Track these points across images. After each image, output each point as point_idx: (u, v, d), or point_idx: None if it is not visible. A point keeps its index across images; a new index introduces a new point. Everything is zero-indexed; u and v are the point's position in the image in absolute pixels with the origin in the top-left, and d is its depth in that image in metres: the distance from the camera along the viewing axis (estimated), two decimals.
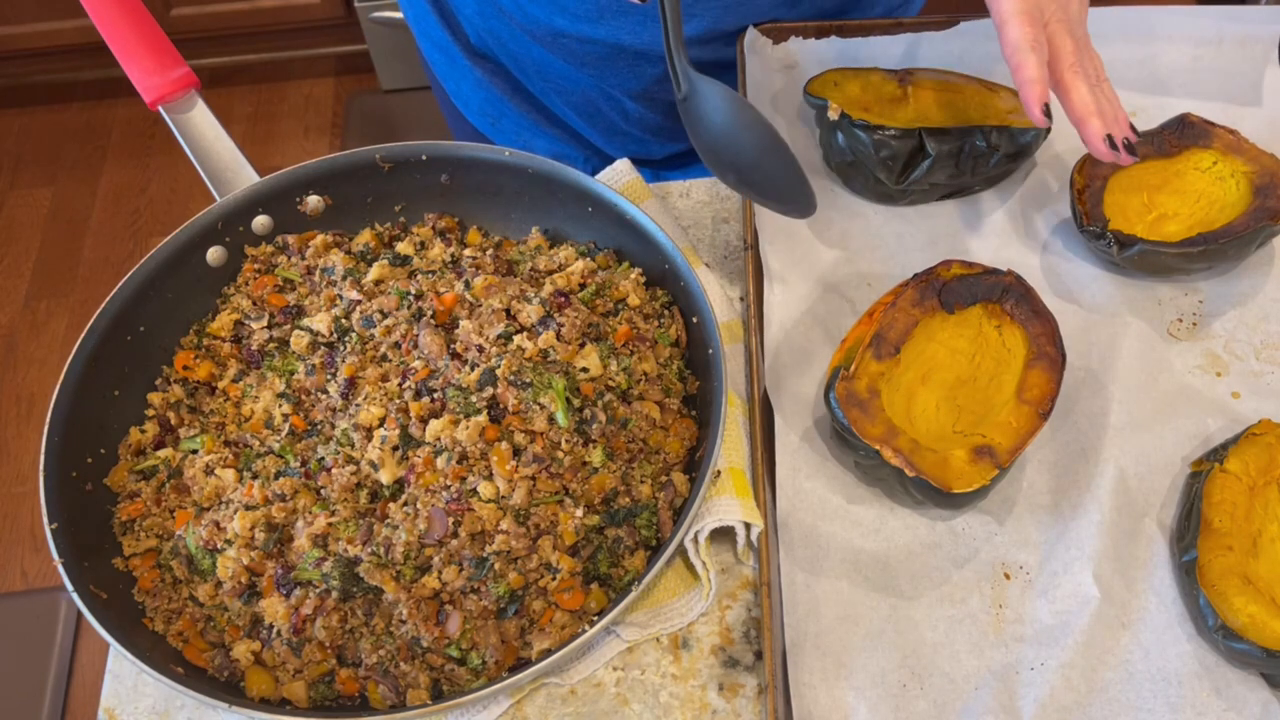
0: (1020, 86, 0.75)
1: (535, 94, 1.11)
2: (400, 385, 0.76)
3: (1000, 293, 0.80)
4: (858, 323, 0.80)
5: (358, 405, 0.75)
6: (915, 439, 0.74)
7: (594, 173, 0.90)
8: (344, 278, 0.83)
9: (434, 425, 0.72)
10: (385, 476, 0.72)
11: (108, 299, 0.79)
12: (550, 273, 0.84)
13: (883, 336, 0.78)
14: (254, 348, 0.82)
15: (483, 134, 1.17)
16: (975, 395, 0.77)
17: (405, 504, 0.71)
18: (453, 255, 0.86)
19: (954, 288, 0.81)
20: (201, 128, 0.86)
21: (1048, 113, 0.75)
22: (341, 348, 0.79)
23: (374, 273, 0.82)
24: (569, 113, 1.10)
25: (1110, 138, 0.76)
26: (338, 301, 0.81)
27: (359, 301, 0.80)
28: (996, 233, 0.90)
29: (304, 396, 0.78)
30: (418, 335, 0.78)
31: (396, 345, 0.78)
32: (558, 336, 0.77)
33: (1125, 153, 0.76)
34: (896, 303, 0.80)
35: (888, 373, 0.78)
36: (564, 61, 1.02)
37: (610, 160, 0.95)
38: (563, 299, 0.80)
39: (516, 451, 0.72)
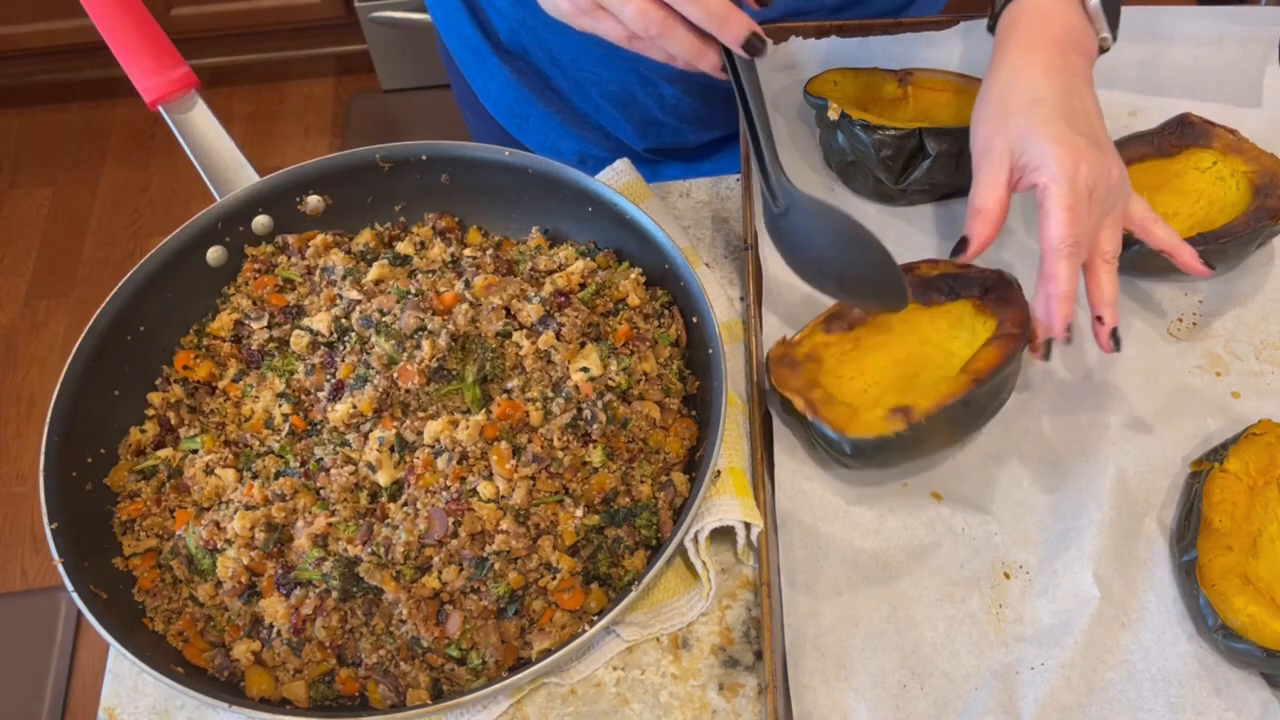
0: (1047, 299, 0.71)
1: (566, 92, 1.11)
2: None
3: (983, 290, 0.80)
4: (829, 308, 0.81)
5: (355, 405, 0.75)
6: (837, 397, 0.74)
7: None
8: (344, 278, 0.83)
9: (433, 426, 0.72)
10: (383, 478, 0.72)
11: (108, 299, 0.79)
12: (550, 272, 0.84)
13: (841, 314, 0.80)
14: (254, 348, 0.82)
15: (509, 133, 1.16)
16: (929, 376, 0.77)
17: (405, 504, 0.71)
18: (453, 255, 0.86)
19: (933, 282, 0.80)
20: (201, 128, 0.86)
21: (1068, 329, 0.72)
22: (341, 348, 0.79)
23: (374, 272, 0.82)
24: (603, 105, 1.09)
25: (1114, 333, 0.74)
26: (338, 301, 0.81)
27: (359, 301, 0.80)
28: None
29: (304, 396, 0.78)
30: None
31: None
32: (558, 336, 0.77)
33: (1115, 347, 0.74)
34: None
35: (840, 347, 0.78)
36: (600, 47, 1.01)
37: (639, 159, 0.94)
38: (563, 299, 0.80)
39: (516, 451, 0.72)
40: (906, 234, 0.90)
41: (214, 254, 0.85)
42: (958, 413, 0.72)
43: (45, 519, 0.71)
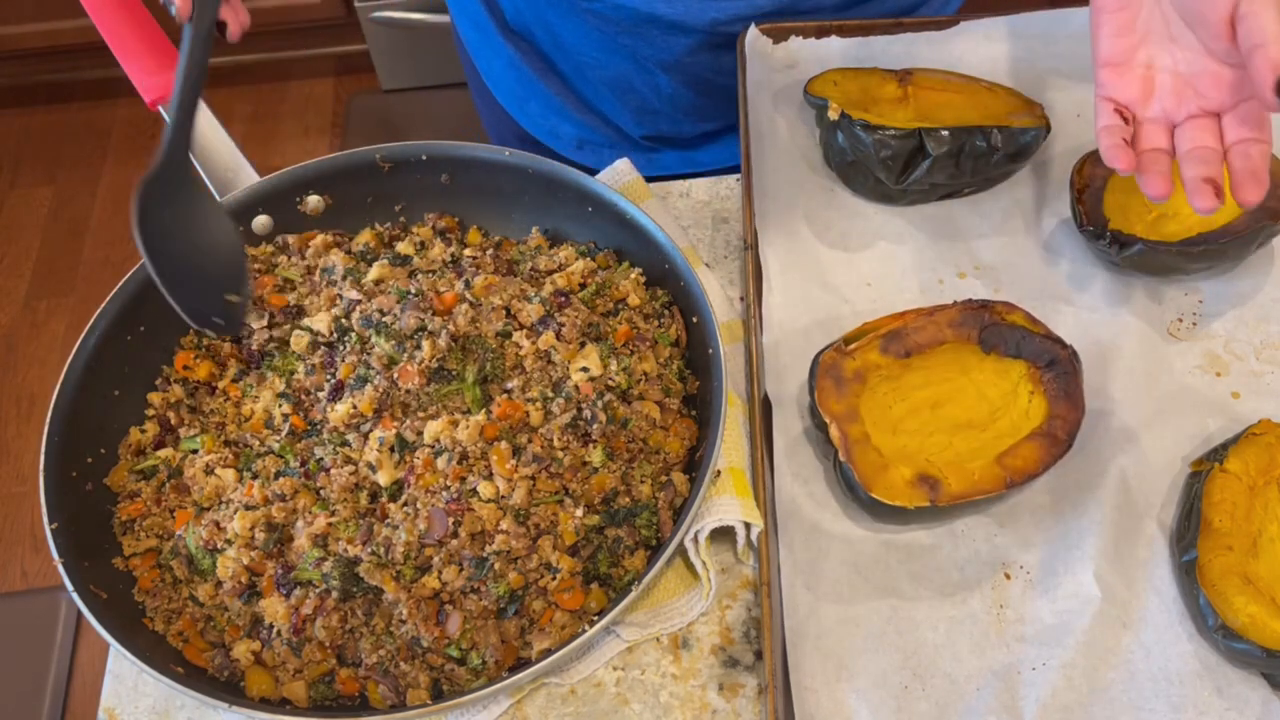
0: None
1: (568, 75, 1.11)
2: None
3: (1048, 361, 0.77)
4: (889, 316, 0.80)
5: (355, 405, 0.75)
6: (873, 438, 0.74)
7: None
8: (344, 278, 0.83)
9: (433, 426, 0.72)
10: (383, 479, 0.72)
11: (108, 299, 0.79)
12: (550, 272, 0.84)
13: (899, 335, 0.78)
14: (254, 348, 0.82)
15: (511, 116, 1.17)
16: (970, 441, 0.76)
17: (405, 504, 0.71)
18: (453, 255, 0.86)
19: (1002, 332, 0.78)
20: (201, 128, 0.86)
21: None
22: (341, 348, 0.79)
23: (374, 272, 0.82)
24: (602, 90, 1.10)
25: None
26: (338, 301, 0.81)
27: (359, 301, 0.80)
28: (996, 233, 0.90)
29: (304, 396, 0.78)
30: None
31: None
32: (558, 336, 0.77)
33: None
34: (934, 314, 0.79)
35: (888, 371, 0.78)
36: (598, 31, 1.02)
37: (637, 148, 0.94)
38: (563, 299, 0.80)
39: (516, 451, 0.72)
40: (906, 234, 0.90)
41: None
42: (981, 504, 0.74)
43: (45, 519, 0.71)
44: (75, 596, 0.68)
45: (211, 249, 0.74)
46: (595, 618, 0.69)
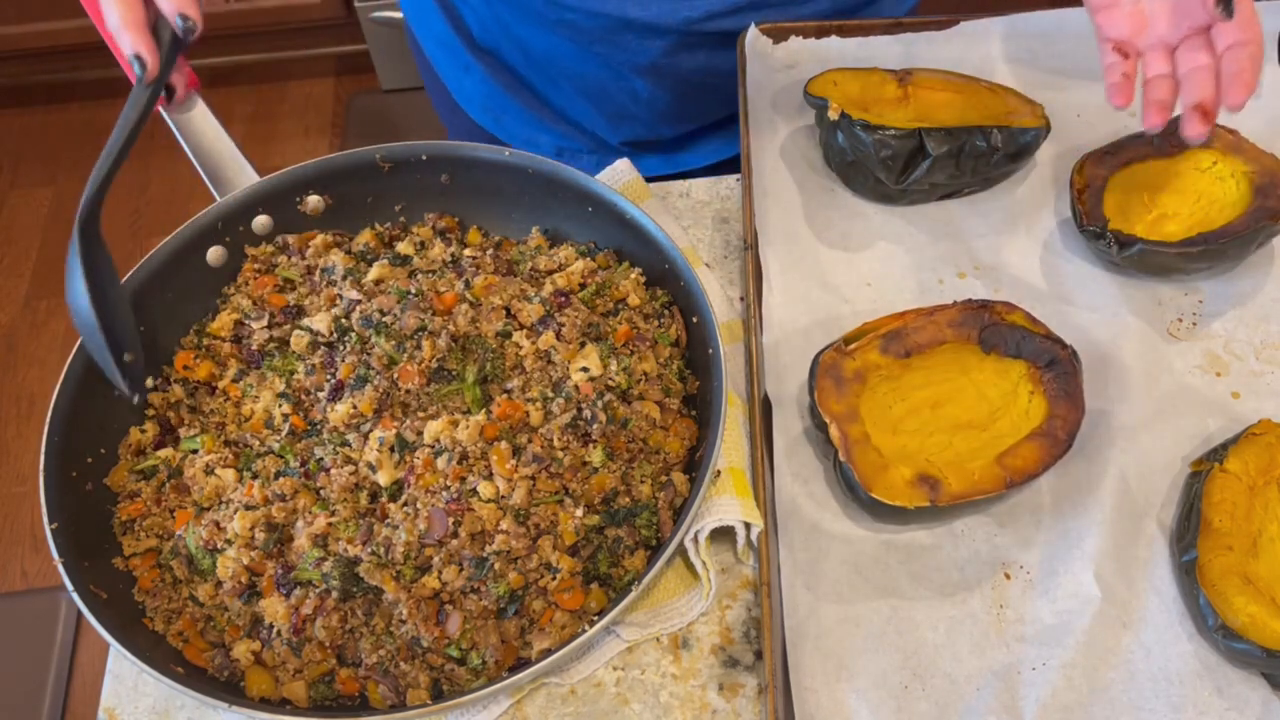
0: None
1: (540, 87, 1.11)
2: None
3: (1048, 361, 0.77)
4: (888, 316, 0.80)
5: (355, 405, 0.75)
6: (873, 438, 0.74)
7: (598, 167, 0.90)
8: (344, 277, 0.83)
9: (433, 426, 0.72)
10: (383, 479, 0.72)
11: None
12: (550, 272, 0.84)
13: (900, 335, 0.78)
14: (254, 348, 0.82)
15: (485, 130, 1.17)
16: (970, 441, 0.76)
17: (405, 504, 0.71)
18: (453, 255, 0.86)
19: (1002, 332, 0.78)
20: (201, 128, 0.86)
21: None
22: (341, 348, 0.79)
23: (374, 272, 0.82)
24: (577, 99, 1.09)
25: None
26: (338, 301, 0.81)
27: (359, 301, 0.80)
28: (996, 233, 0.90)
29: (304, 396, 0.78)
30: None
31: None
32: (558, 336, 0.77)
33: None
34: (934, 314, 0.79)
35: (888, 371, 0.78)
36: (571, 42, 1.01)
37: (616, 154, 0.94)
38: (563, 299, 0.80)
39: (516, 451, 0.72)
40: (906, 234, 0.90)
41: (214, 254, 0.85)
42: (981, 504, 0.74)
43: (45, 519, 0.71)
44: (75, 596, 0.68)
45: (113, 301, 0.71)
46: (595, 618, 0.69)
